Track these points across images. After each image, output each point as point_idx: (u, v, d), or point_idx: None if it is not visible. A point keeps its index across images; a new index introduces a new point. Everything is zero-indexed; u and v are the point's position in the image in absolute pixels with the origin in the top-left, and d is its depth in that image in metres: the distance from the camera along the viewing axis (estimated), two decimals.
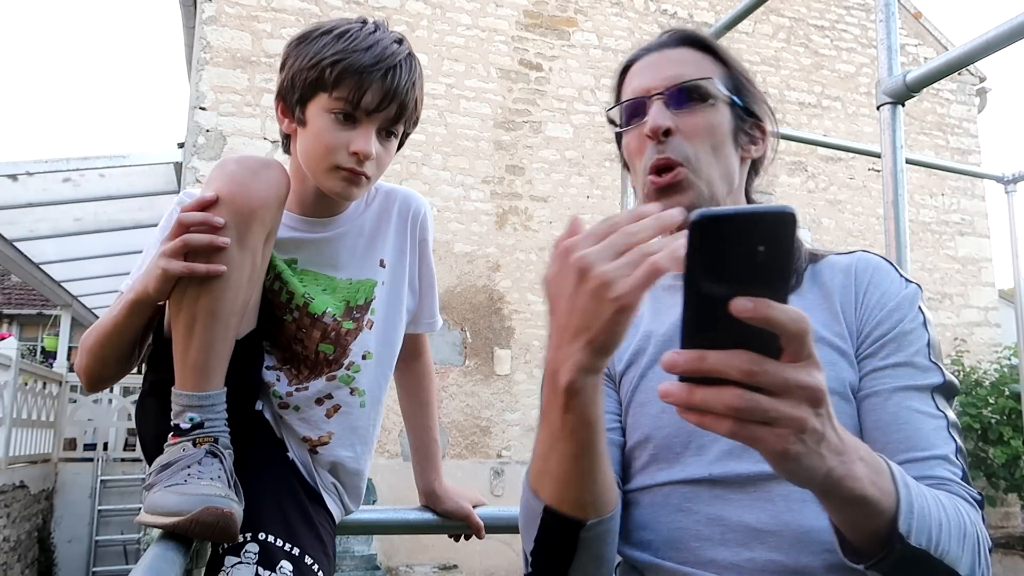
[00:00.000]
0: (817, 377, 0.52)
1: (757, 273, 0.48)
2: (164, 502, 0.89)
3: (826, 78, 8.49)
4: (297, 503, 1.09)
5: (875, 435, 0.81)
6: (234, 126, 6.17)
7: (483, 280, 6.87)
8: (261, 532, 1.01)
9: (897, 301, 0.87)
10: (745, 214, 0.48)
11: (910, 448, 0.78)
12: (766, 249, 0.47)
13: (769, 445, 0.52)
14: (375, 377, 1.19)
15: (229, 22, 6.41)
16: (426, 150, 6.83)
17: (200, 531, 0.87)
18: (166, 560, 0.83)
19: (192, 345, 0.95)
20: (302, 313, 1.12)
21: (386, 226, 1.20)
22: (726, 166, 0.93)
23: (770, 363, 0.50)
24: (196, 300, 0.94)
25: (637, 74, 0.97)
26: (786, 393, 0.51)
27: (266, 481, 1.07)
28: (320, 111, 1.04)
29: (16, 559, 7.31)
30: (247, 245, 0.96)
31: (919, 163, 2.79)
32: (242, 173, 0.97)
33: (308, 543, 1.05)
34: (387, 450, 6.20)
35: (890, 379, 0.82)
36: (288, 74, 1.07)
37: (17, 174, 5.62)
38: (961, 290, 8.62)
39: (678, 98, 0.92)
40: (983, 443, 7.31)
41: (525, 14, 7.50)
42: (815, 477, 0.55)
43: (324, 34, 1.06)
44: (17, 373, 7.54)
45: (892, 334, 0.85)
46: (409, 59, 1.07)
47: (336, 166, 1.05)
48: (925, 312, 0.88)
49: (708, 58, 0.96)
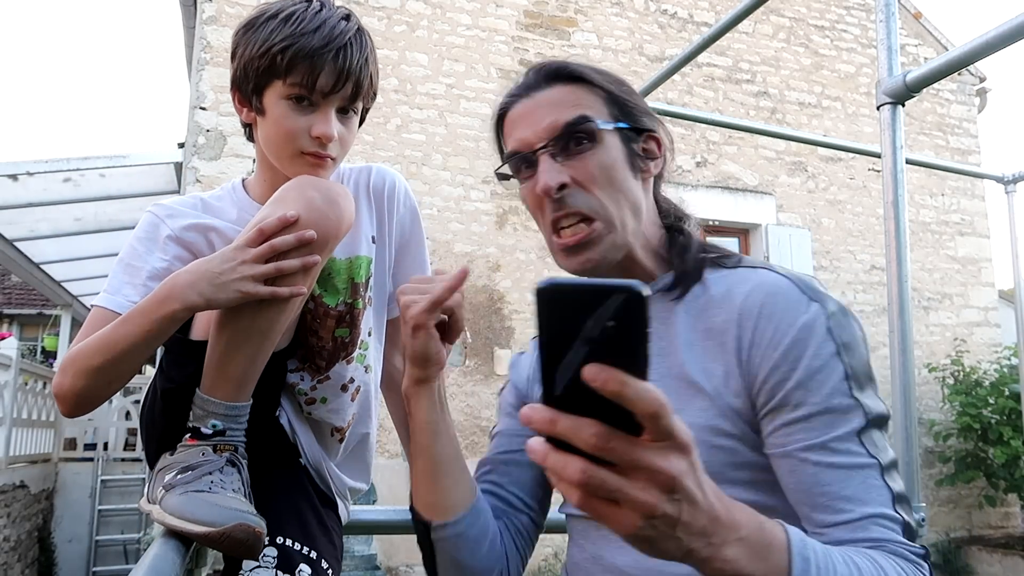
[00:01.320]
0: (672, 462, 0.48)
1: (610, 346, 0.45)
2: (193, 509, 0.89)
3: (826, 78, 8.48)
4: (312, 507, 1.10)
5: (799, 497, 0.75)
6: (235, 126, 6.16)
7: (483, 280, 6.86)
8: (279, 536, 1.00)
9: (793, 336, 0.76)
10: (589, 287, 0.45)
11: (839, 511, 0.72)
12: (616, 325, 0.45)
13: (617, 523, 0.49)
14: (377, 352, 1.22)
15: (229, 22, 6.41)
16: (426, 150, 6.83)
17: (228, 545, 0.87)
18: (166, 560, 0.83)
19: (235, 359, 0.95)
20: (317, 303, 1.11)
21: (365, 203, 1.19)
22: (631, 199, 0.88)
23: (620, 439, 0.46)
24: (253, 318, 0.94)
25: (515, 124, 0.91)
26: (635, 473, 0.47)
27: (283, 485, 1.07)
28: (277, 98, 1.03)
29: (16, 559, 7.31)
30: (310, 273, 0.96)
31: (919, 163, 2.80)
32: (322, 201, 0.96)
33: (324, 547, 1.05)
34: (387, 450, 6.19)
35: (803, 434, 0.74)
36: (240, 63, 1.05)
37: (17, 174, 5.62)
38: (961, 290, 8.61)
39: (563, 147, 0.87)
40: (983, 443, 7.30)
41: (525, 14, 7.50)
42: (673, 557, 0.52)
43: (270, 19, 1.03)
44: (17, 373, 7.54)
45: (796, 378, 0.75)
46: (359, 35, 1.04)
47: (300, 152, 1.03)
48: (837, 336, 0.77)
49: (581, 88, 0.90)
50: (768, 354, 0.77)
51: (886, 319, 1.43)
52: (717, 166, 7.66)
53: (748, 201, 7.71)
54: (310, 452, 1.13)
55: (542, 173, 0.86)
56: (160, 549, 0.85)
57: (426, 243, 1.28)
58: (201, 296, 0.91)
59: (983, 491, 7.61)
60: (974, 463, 7.40)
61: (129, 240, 1.08)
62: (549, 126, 0.87)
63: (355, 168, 1.22)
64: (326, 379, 1.13)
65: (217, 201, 1.15)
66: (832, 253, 7.93)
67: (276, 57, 1.00)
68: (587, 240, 0.86)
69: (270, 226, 0.92)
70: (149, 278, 1.03)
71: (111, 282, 1.05)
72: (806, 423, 0.75)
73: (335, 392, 1.14)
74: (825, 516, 0.73)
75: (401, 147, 6.67)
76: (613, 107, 0.90)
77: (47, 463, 8.42)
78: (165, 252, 1.06)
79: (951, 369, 7.82)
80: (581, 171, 0.86)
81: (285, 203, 0.95)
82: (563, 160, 0.87)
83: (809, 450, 0.74)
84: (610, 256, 0.87)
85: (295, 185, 0.98)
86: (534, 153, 0.88)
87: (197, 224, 1.08)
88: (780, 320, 0.78)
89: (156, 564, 0.80)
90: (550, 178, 0.85)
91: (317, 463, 1.13)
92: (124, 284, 1.04)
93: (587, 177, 0.86)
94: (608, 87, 0.91)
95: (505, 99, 0.95)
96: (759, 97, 8.07)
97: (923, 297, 8.27)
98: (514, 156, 0.91)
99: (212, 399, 0.96)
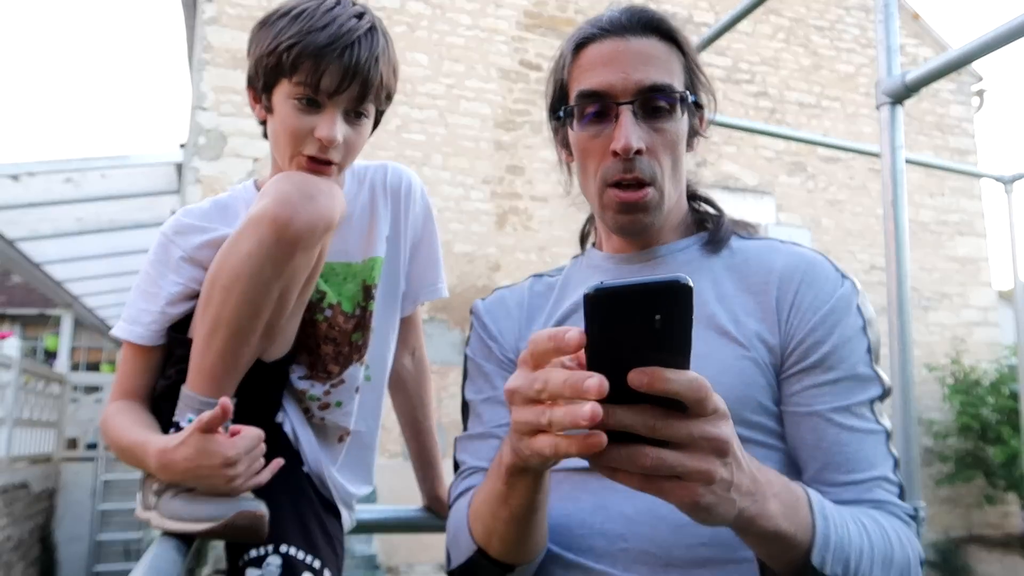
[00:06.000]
0: (722, 428, 0.53)
1: (655, 341, 0.49)
2: (191, 509, 0.90)
3: (826, 78, 8.48)
4: (315, 515, 1.09)
5: (813, 454, 0.80)
6: (235, 126, 6.16)
7: (483, 280, 6.86)
8: (283, 544, 1.00)
9: (832, 304, 0.83)
10: (639, 287, 0.48)
11: (852, 470, 0.79)
12: (662, 318, 0.48)
13: (679, 497, 0.53)
14: (377, 350, 1.19)
15: (230, 23, 6.41)
16: (426, 150, 6.83)
17: (234, 534, 0.88)
18: (166, 560, 0.83)
19: (207, 353, 0.95)
20: (335, 312, 1.10)
21: (382, 202, 1.18)
22: (682, 174, 0.91)
23: (675, 419, 0.51)
24: (218, 311, 0.94)
25: (598, 63, 0.87)
26: (692, 446, 0.52)
27: (286, 493, 1.06)
28: (283, 98, 1.00)
29: (18, 558, 7.31)
30: (281, 271, 0.93)
31: (918, 163, 2.80)
32: (296, 195, 0.93)
33: (327, 556, 1.05)
34: (387, 450, 6.20)
35: (831, 397, 0.80)
36: (252, 61, 1.03)
37: (19, 174, 5.62)
38: (960, 290, 8.61)
39: (646, 108, 0.85)
40: (982, 443, 7.31)
41: (525, 14, 7.50)
42: (728, 520, 0.57)
43: (281, 16, 1.00)
44: (19, 373, 7.54)
45: (830, 345, 0.81)
46: (370, 33, 1.01)
47: (300, 154, 1.00)
48: (865, 312, 0.84)
49: (673, 50, 0.88)
50: (807, 317, 0.82)
51: (885, 319, 1.43)
52: (717, 166, 7.66)
53: (748, 201, 7.72)
54: (312, 459, 1.12)
55: (623, 130, 0.84)
56: (160, 549, 0.85)
57: (440, 242, 1.27)
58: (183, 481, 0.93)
59: (982, 490, 7.61)
60: (973, 462, 7.40)
61: (143, 266, 1.07)
62: (639, 82, 0.84)
63: (371, 166, 1.20)
64: (340, 383, 1.12)
65: (232, 202, 1.13)
66: (832, 253, 7.93)
67: (282, 55, 0.97)
68: (643, 203, 0.86)
69: (207, 421, 0.88)
70: (167, 304, 1.03)
71: (129, 311, 1.04)
72: (833, 386, 0.80)
73: (350, 395, 1.13)
74: (837, 475, 0.79)
75: (401, 147, 6.67)
76: (687, 76, 0.89)
77: (48, 463, 8.42)
78: (179, 275, 1.04)
79: (950, 369, 7.82)
80: (656, 140, 0.86)
81: (264, 198, 0.94)
82: (643, 123, 0.85)
83: (835, 412, 0.80)
84: (656, 222, 0.89)
85: (275, 179, 0.97)
86: (619, 104, 0.85)
87: (209, 241, 1.05)
88: (820, 289, 0.84)
89: (156, 564, 0.81)
90: (633, 140, 0.83)
91: (319, 470, 1.13)
92: (142, 312, 1.03)
93: (660, 147, 0.86)
94: (691, 56, 0.90)
95: (591, 29, 0.89)
96: (759, 97, 8.07)
97: (922, 297, 8.27)
98: (592, 97, 0.86)
99: (189, 393, 0.96)
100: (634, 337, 0.49)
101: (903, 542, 0.74)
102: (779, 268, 0.87)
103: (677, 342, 0.49)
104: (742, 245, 0.92)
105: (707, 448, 0.52)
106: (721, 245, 0.92)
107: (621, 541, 0.80)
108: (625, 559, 0.79)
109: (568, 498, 0.85)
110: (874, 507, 0.77)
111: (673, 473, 0.52)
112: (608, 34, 0.87)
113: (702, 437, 0.52)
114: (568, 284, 1.00)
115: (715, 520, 0.55)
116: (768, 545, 0.65)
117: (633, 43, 0.86)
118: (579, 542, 0.83)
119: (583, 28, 0.90)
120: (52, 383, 8.98)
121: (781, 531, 0.62)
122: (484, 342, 1.00)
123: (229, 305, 0.93)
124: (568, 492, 0.86)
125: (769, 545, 0.65)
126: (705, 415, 0.52)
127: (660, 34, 0.88)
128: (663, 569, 0.77)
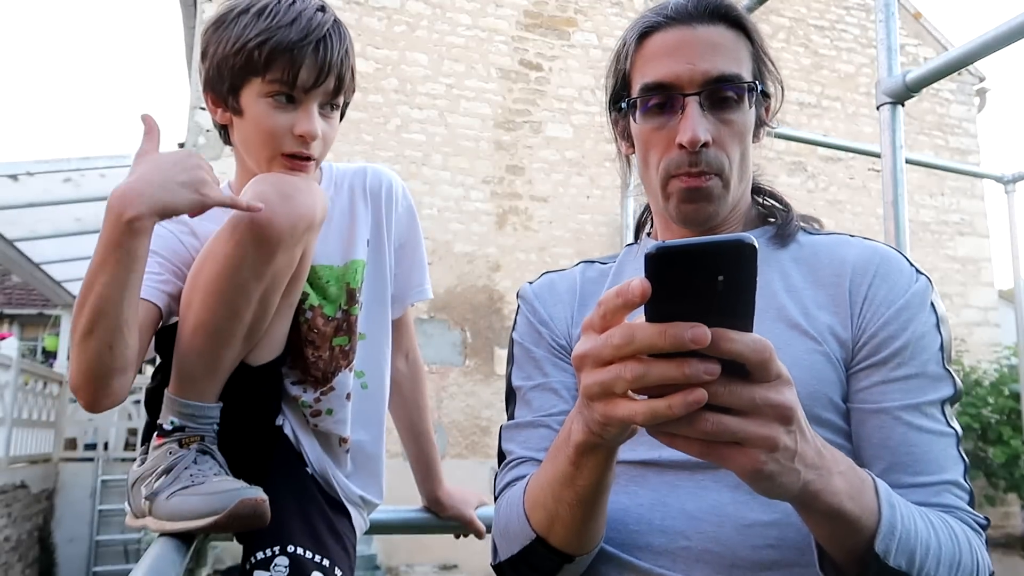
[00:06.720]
0: (786, 394, 0.51)
1: (718, 302, 0.47)
2: (189, 507, 0.89)
3: (826, 78, 8.48)
4: (322, 513, 1.08)
5: (880, 452, 0.76)
6: None
7: (483, 280, 6.86)
8: (290, 545, 0.99)
9: (907, 299, 0.80)
10: (702, 245, 0.47)
11: (919, 472, 0.74)
12: (726, 279, 0.47)
13: (740, 465, 0.51)
14: (371, 356, 1.17)
15: None
16: (426, 150, 6.83)
17: (237, 525, 0.87)
18: (166, 560, 0.83)
19: (187, 356, 0.95)
20: (315, 314, 1.09)
21: (362, 204, 1.16)
22: (748, 167, 0.89)
23: (738, 384, 0.50)
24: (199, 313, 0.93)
25: (663, 53, 0.84)
26: (755, 412, 0.50)
27: (290, 494, 1.05)
28: (255, 97, 0.97)
29: (17, 559, 7.31)
30: (262, 273, 0.91)
31: (919, 163, 2.79)
32: (274, 195, 0.91)
33: (336, 554, 1.04)
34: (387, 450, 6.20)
35: (900, 394, 0.77)
36: (212, 63, 0.99)
37: (18, 174, 5.62)
38: (961, 290, 8.62)
39: (713, 100, 0.83)
40: (983, 443, 7.31)
41: (525, 14, 7.50)
42: (791, 492, 0.55)
43: (242, 13, 0.97)
44: (18, 373, 7.54)
45: (902, 340, 0.78)
46: (337, 27, 1.00)
47: (279, 154, 0.99)
48: (938, 309, 0.81)
49: (740, 38, 0.86)
50: (880, 311, 0.79)
51: None
52: None
53: None
54: (316, 461, 1.11)
55: (690, 122, 0.81)
56: (160, 549, 0.85)
57: (423, 243, 1.27)
58: (157, 201, 0.86)
59: (982, 491, 7.61)
60: (974, 463, 7.40)
61: None
62: (707, 72, 0.82)
63: (350, 169, 1.19)
64: (330, 390, 1.10)
65: None
66: None
67: (253, 53, 0.95)
68: (707, 189, 0.84)
69: None
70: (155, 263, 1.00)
71: None
72: (904, 383, 0.77)
73: (340, 402, 1.11)
74: (904, 476, 0.75)
75: (401, 147, 6.66)
76: (754, 65, 0.87)
77: (47, 463, 8.41)
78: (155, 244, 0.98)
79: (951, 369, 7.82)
80: (723, 132, 0.83)
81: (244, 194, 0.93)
82: (710, 114, 0.83)
83: (904, 410, 0.76)
84: (721, 212, 0.87)
85: (252, 182, 0.95)
86: (685, 95, 0.82)
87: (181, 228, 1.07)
88: (895, 283, 0.81)
89: (156, 564, 0.81)
90: (700, 133, 0.81)
91: (323, 471, 1.12)
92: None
93: (727, 139, 0.84)
94: (759, 44, 0.88)
95: (656, 17, 0.86)
96: None
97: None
98: (657, 89, 0.84)
99: (171, 395, 0.96)
100: (696, 298, 0.47)
101: (972, 548, 0.70)
102: (852, 260, 0.84)
103: (740, 304, 0.48)
104: (810, 239, 0.90)
105: (770, 414, 0.50)
106: (789, 238, 0.89)
107: (682, 539, 0.76)
108: (686, 558, 0.75)
109: (624, 492, 0.81)
110: (944, 511, 0.73)
111: (734, 439, 0.50)
112: (674, 22, 0.85)
113: (765, 403, 0.50)
114: (622, 271, 0.97)
115: (778, 491, 0.54)
116: (831, 525, 0.61)
117: (700, 31, 0.84)
118: (635, 539, 0.78)
119: (647, 16, 0.87)
120: (51, 383, 8.97)
121: (845, 511, 0.59)
122: (534, 327, 0.95)
123: (208, 308, 0.93)
124: (624, 485, 0.81)
125: (832, 525, 0.61)
126: (769, 380, 0.50)
127: (728, 21, 0.85)
128: (727, 570, 0.73)
